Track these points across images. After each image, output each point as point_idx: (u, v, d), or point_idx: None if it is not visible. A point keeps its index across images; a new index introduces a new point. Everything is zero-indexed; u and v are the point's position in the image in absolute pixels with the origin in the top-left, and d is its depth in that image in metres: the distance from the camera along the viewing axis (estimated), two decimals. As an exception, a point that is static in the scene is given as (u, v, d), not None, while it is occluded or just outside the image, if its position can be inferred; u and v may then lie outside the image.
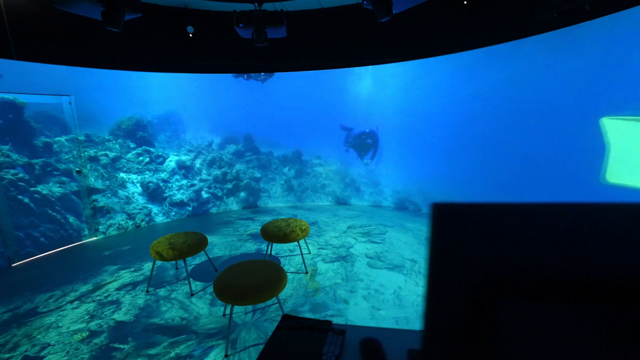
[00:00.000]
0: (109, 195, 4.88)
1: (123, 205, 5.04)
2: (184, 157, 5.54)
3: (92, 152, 4.69)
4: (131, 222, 5.13)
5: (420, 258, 3.81)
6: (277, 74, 5.63)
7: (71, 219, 4.55)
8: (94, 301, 3.14)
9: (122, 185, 5.01)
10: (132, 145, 5.06)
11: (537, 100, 4.05)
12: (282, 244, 4.35)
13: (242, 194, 6.05)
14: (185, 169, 5.57)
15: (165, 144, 5.37)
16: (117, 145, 4.92)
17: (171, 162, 5.44)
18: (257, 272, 2.52)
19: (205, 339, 2.53)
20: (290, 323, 1.07)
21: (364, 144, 5.87)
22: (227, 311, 2.88)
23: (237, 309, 2.92)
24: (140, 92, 4.99)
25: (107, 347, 2.48)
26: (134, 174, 5.11)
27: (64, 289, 3.39)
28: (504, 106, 4.39)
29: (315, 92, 5.73)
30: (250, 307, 2.95)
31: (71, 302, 3.14)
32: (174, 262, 3.91)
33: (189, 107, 5.44)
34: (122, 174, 4.99)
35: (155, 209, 5.36)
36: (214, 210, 5.94)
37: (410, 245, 4.20)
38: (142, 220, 5.23)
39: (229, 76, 5.52)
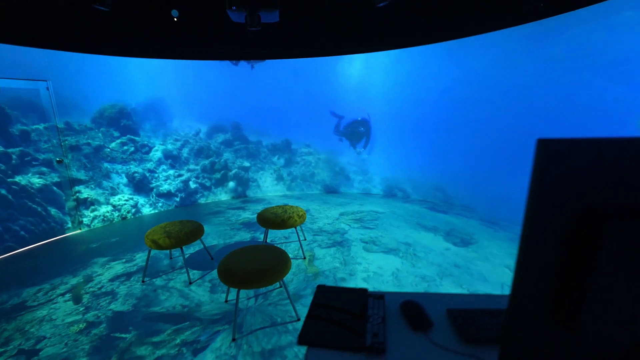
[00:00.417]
0: (92, 186, 4.68)
1: (108, 197, 4.85)
2: (170, 147, 5.38)
3: (73, 140, 4.46)
4: (117, 214, 4.95)
5: (413, 241, 3.93)
6: (267, 61, 5.53)
7: (53, 211, 4.34)
8: (86, 293, 3.04)
9: (107, 175, 4.82)
10: (115, 133, 4.85)
11: (524, 89, 4.22)
12: (277, 232, 4.36)
13: (231, 184, 5.97)
14: (172, 159, 5.41)
15: (150, 132, 5.19)
16: (99, 134, 4.70)
17: (157, 151, 5.27)
18: (261, 256, 2.52)
19: (210, 325, 2.52)
20: (328, 292, 1.10)
21: (356, 132, 5.87)
22: (230, 297, 2.87)
23: (241, 293, 2.92)
24: (123, 78, 4.77)
25: (108, 337, 2.42)
26: (118, 164, 4.92)
27: (53, 282, 3.26)
28: (493, 95, 4.54)
29: (305, 79, 5.69)
30: (252, 293, 2.95)
31: (62, 294, 3.03)
32: (168, 252, 3.84)
33: (175, 95, 5.26)
34: (106, 164, 4.79)
35: (141, 200, 5.19)
36: (202, 200, 5.83)
37: (403, 229, 4.32)
38: (128, 212, 5.06)
39: (215, 62, 5.38)
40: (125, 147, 4.95)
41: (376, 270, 3.26)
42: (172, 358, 2.20)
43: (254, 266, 2.36)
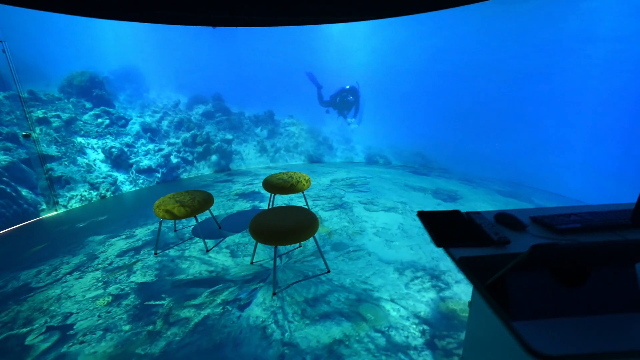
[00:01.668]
0: (66, 163, 4.27)
1: (84, 174, 4.47)
2: (148, 119, 5.03)
3: (40, 112, 3.98)
4: (95, 193, 4.60)
5: (408, 200, 4.27)
6: (249, 28, 5.29)
7: (24, 191, 3.92)
8: (96, 270, 2.91)
9: (81, 151, 4.41)
10: (88, 105, 4.41)
11: (495, 61, 4.64)
12: (277, 198, 4.43)
13: (214, 157, 5.79)
14: (151, 132, 5.08)
15: (126, 104, 4.79)
16: (70, 105, 4.24)
17: (135, 124, 4.90)
18: (290, 216, 2.62)
19: (244, 285, 2.61)
20: (429, 214, 1.29)
21: (345, 101, 5.88)
22: (255, 259, 2.96)
23: (263, 256, 3.01)
24: (92, 42, 4.29)
25: (142, 306, 2.40)
26: (93, 138, 4.51)
27: (51, 262, 3.04)
28: (467, 66, 4.92)
29: (288, 49, 5.58)
30: (273, 254, 3.05)
31: (69, 273, 2.86)
32: (173, 224, 3.74)
33: (151, 63, 4.87)
34: (79, 139, 4.37)
35: (121, 176, 4.86)
36: (184, 175, 5.60)
37: (395, 191, 4.65)
38: (107, 190, 4.72)
39: (193, 28, 5.02)
40: (100, 120, 4.54)
41: (383, 226, 3.54)
42: (219, 315, 2.27)
43: (288, 224, 2.47)
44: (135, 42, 4.66)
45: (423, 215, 1.30)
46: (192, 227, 3.73)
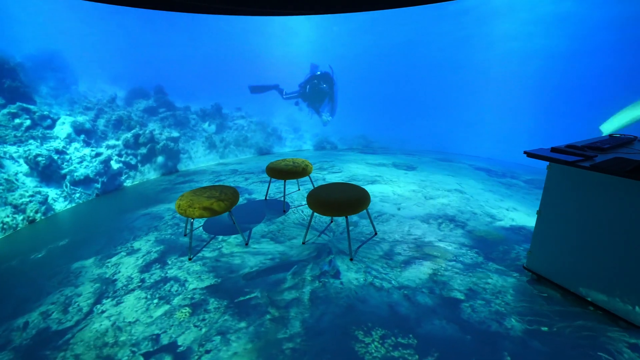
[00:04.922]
0: (-23, 181, 3.09)
1: (3, 194, 3.32)
2: (80, 118, 4.01)
3: None
4: (21, 217, 3.47)
5: (380, 173, 4.96)
6: (193, 15, 4.80)
7: None
8: (131, 291, 2.43)
9: (-3, 163, 3.25)
10: (-1, 100, 3.24)
11: (434, 54, 5.81)
12: (274, 187, 4.38)
13: (160, 159, 5.06)
14: (85, 134, 4.07)
15: (51, 99, 3.70)
16: (-27, 101, 3.05)
17: (64, 124, 3.84)
18: (345, 191, 2.87)
19: (316, 261, 2.73)
20: (535, 152, 1.92)
21: (317, 90, 5.41)
22: (307, 239, 3.05)
23: (308, 235, 3.12)
24: (-4, 14, 3.15)
25: (235, 304, 2.25)
26: (11, 144, 3.37)
27: (52, 300, 2.34)
28: (407, 58, 5.95)
29: (235, 38, 5.36)
30: (316, 233, 3.20)
31: (97, 302, 2.30)
32: (184, 229, 3.30)
33: (78, 48, 3.86)
34: (-7, 146, 3.21)
35: (52, 192, 3.77)
36: (128, 183, 4.71)
37: (362, 168, 5.28)
38: (36, 212, 3.61)
39: (127, 8, 4.23)
40: (18, 120, 3.40)
41: (381, 195, 4.10)
42: (323, 287, 2.38)
43: (352, 195, 2.74)
44: (57, 20, 3.66)
45: (532, 154, 1.92)
46: (199, 227, 3.40)
